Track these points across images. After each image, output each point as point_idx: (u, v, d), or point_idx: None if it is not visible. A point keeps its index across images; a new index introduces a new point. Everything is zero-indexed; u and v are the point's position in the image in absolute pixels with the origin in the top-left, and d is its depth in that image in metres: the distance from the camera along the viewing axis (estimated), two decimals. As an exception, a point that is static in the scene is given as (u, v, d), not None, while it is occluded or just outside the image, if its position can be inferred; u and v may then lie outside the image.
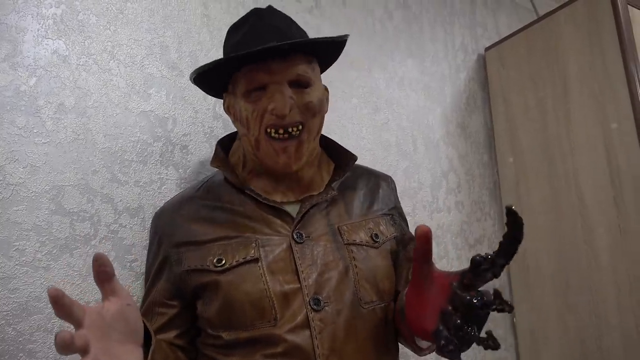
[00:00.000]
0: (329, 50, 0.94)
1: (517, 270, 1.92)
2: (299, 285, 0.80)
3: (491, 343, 0.61)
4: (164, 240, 0.89)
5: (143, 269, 1.08)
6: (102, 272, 0.62)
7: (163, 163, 1.22)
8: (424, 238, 0.64)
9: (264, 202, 0.88)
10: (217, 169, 1.00)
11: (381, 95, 1.73)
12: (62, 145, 1.08)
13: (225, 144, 1.02)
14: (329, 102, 1.02)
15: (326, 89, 0.98)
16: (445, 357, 0.63)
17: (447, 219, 1.84)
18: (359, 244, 0.87)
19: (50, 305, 1.00)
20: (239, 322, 0.79)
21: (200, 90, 1.31)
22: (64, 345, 0.51)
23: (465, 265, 1.83)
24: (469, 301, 0.61)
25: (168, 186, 1.21)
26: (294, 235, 0.84)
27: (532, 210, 1.88)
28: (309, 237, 0.85)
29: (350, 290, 0.82)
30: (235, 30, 0.93)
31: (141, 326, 0.67)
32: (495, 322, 1.87)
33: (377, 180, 1.03)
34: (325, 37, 0.86)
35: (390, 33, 1.82)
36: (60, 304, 0.54)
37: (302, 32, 0.94)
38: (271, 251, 0.83)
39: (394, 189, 1.05)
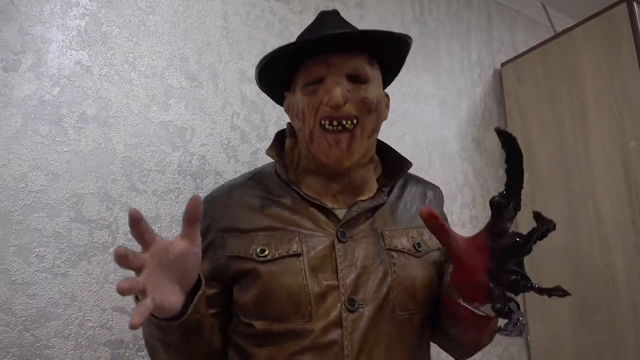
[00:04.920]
0: (390, 53, 0.93)
1: (531, 287, 1.89)
2: (337, 284, 0.81)
3: (548, 288, 0.64)
4: (212, 225, 0.90)
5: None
6: (192, 213, 0.65)
7: (181, 173, 1.23)
8: (428, 218, 0.67)
9: (312, 200, 0.88)
10: (269, 161, 1.00)
11: (397, 108, 1.74)
12: (83, 154, 1.10)
13: (281, 140, 1.01)
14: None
15: (387, 95, 0.98)
16: (499, 314, 0.66)
17: (462, 233, 1.82)
18: (400, 251, 0.87)
19: (67, 312, 1.01)
20: (273, 314, 0.80)
21: (219, 102, 1.33)
22: (119, 259, 0.58)
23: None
24: (513, 244, 0.63)
25: (185, 195, 1.22)
26: (338, 233, 0.85)
27: (547, 226, 1.85)
28: (351, 237, 0.85)
29: (387, 296, 0.82)
30: (302, 35, 0.95)
31: (194, 277, 0.70)
32: (509, 340, 1.85)
33: (425, 189, 1.02)
34: (384, 31, 0.85)
35: (407, 47, 1.83)
36: (136, 225, 0.61)
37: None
38: (313, 247, 0.83)
39: (441, 200, 1.04)
